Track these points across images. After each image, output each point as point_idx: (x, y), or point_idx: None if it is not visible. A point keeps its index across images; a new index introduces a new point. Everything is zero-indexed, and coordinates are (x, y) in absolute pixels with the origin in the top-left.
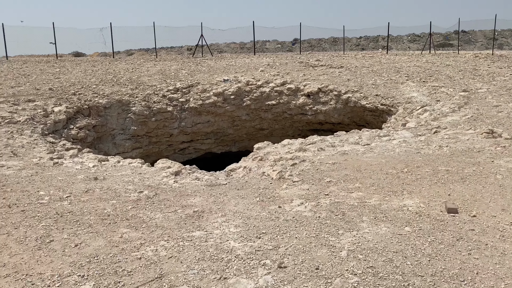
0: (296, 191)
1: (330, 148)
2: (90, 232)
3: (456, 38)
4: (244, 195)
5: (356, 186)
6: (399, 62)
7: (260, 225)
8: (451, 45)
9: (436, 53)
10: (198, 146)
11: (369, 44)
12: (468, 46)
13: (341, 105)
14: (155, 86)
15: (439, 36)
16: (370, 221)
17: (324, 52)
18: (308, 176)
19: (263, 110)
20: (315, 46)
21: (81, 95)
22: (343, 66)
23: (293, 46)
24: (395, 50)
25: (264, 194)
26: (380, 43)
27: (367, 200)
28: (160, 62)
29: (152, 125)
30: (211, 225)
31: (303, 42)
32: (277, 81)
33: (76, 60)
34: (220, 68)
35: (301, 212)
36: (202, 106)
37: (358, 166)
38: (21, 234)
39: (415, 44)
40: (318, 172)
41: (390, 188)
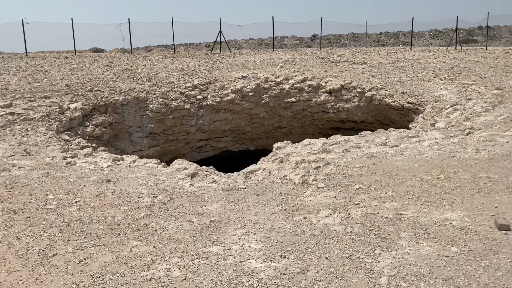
0: (322, 198)
1: (355, 149)
2: (97, 245)
3: (480, 34)
4: (265, 202)
5: (389, 194)
6: (425, 58)
7: (284, 241)
8: (475, 41)
9: (462, 49)
10: (215, 144)
11: (390, 40)
12: (493, 42)
13: (364, 103)
14: (173, 83)
15: (462, 32)
16: (410, 238)
17: (345, 48)
18: (334, 181)
19: (282, 108)
20: (334, 42)
21: (98, 91)
22: (366, 62)
23: (312, 42)
24: (416, 46)
25: (286, 202)
26: (401, 39)
27: (403, 212)
28: (178, 59)
29: (169, 122)
30: (229, 238)
31: (322, 38)
32: (297, 77)
33: (94, 56)
34: (239, 64)
35: (330, 226)
36: (220, 103)
37: (388, 170)
38: (23, 245)
39: (437, 40)
40: (345, 177)
41: (427, 197)
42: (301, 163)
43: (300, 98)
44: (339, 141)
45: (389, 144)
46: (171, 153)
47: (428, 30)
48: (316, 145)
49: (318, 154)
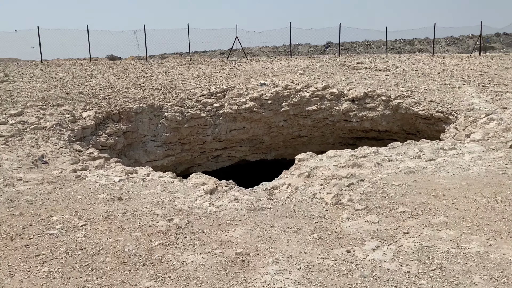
0: (363, 224)
1: (388, 163)
2: (103, 286)
3: (498, 41)
4: (296, 227)
5: (442, 220)
6: (450, 65)
7: (328, 283)
8: (492, 48)
9: (486, 55)
10: (232, 153)
11: (405, 47)
12: (511, 49)
13: (390, 112)
14: (189, 91)
15: (478, 38)
16: (486, 283)
17: (365, 55)
18: (373, 202)
19: (302, 116)
20: (349, 50)
21: (112, 99)
22: (389, 69)
23: (326, 50)
24: (438, 53)
25: (321, 228)
26: (416, 46)
27: (465, 245)
28: (194, 66)
29: (185, 131)
30: (260, 278)
31: (336, 46)
32: (318, 85)
33: (109, 63)
34: (256, 71)
35: (381, 263)
36: (237, 111)
37: (433, 190)
38: (15, 285)
39: (453, 47)
40: (385, 197)
41: (490, 225)
42: (331, 179)
43: (321, 107)
44: (368, 153)
45: (424, 157)
46: (187, 163)
47: (444, 37)
48: (342, 157)
49: (349, 169)
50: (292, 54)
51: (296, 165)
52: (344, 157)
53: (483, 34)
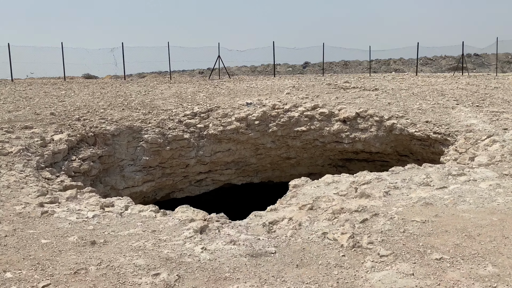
0: (395, 277)
1: (396, 191)
2: None
3: (470, 62)
4: (313, 282)
5: (491, 271)
6: (438, 84)
7: None
8: (465, 68)
9: (469, 75)
10: (216, 177)
11: (381, 67)
12: (482, 70)
13: (383, 133)
14: (170, 111)
15: (452, 59)
16: None
17: (347, 74)
18: (398, 245)
19: (291, 137)
20: (326, 70)
21: (87, 120)
22: (378, 88)
23: (304, 70)
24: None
25: (344, 282)
26: (392, 66)
27: None
28: (175, 85)
29: (167, 154)
30: None
31: (313, 66)
32: (307, 104)
33: (85, 82)
34: (241, 90)
35: None
36: (223, 132)
37: (462, 227)
38: None
39: (427, 67)
40: (409, 238)
41: None
42: (340, 213)
43: (311, 127)
44: (370, 179)
45: (434, 184)
46: (168, 188)
47: (418, 58)
48: (341, 183)
49: (357, 200)
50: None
51: (291, 193)
52: (344, 184)
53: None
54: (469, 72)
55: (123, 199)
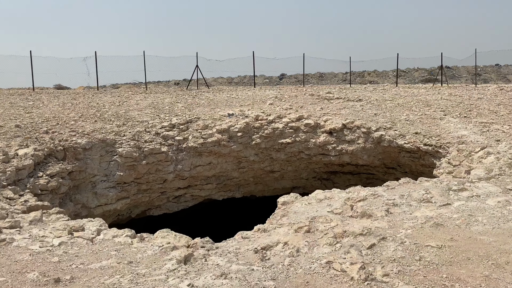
0: None
1: (396, 209)
2: None
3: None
4: None
5: None
6: (421, 95)
7: None
8: (437, 80)
9: (449, 86)
10: (196, 192)
11: (356, 79)
12: (454, 82)
13: (371, 145)
14: (147, 122)
15: (424, 71)
16: None
17: (329, 85)
18: (418, 277)
19: (275, 150)
20: (301, 81)
21: (56, 133)
22: (362, 99)
23: (280, 81)
24: (389, 84)
25: None
26: (366, 78)
27: None
28: (151, 95)
29: (143, 169)
30: None
31: (289, 77)
32: (291, 115)
33: (55, 92)
34: (222, 101)
35: None
36: (204, 145)
37: (486, 254)
38: None
39: (400, 79)
40: (429, 268)
41: None
42: (342, 237)
43: (296, 139)
44: (365, 196)
45: (436, 201)
46: (144, 205)
47: (392, 70)
48: (334, 199)
49: (358, 220)
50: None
51: (281, 211)
52: (337, 201)
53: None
54: (448, 83)
55: (95, 221)
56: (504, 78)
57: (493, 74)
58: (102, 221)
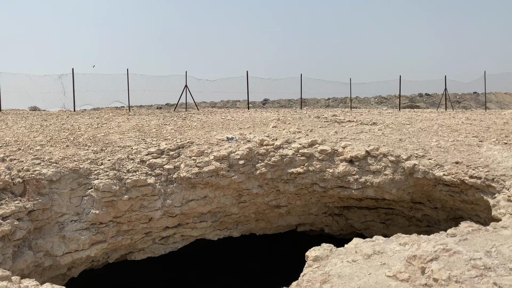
0: None
1: (494, 276)
2: None
3: (421, 101)
4: None
5: None
6: (437, 119)
7: None
8: (418, 107)
9: (454, 110)
10: (187, 232)
11: (339, 105)
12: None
13: (401, 176)
14: (130, 148)
15: (404, 98)
16: None
17: (330, 108)
18: None
19: (283, 181)
20: (285, 106)
21: (15, 161)
22: (376, 122)
23: (263, 106)
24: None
25: None
26: (348, 104)
27: None
28: (135, 117)
29: (124, 206)
30: None
31: (272, 103)
32: (301, 140)
33: (24, 113)
34: (217, 123)
35: None
36: (199, 175)
37: None
38: None
39: (383, 106)
40: None
41: None
42: None
43: (309, 168)
44: (434, 251)
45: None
46: (124, 249)
47: (373, 96)
48: (387, 255)
49: None
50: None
51: (313, 271)
52: (393, 257)
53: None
54: (453, 107)
55: None
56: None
57: (472, 102)
58: None
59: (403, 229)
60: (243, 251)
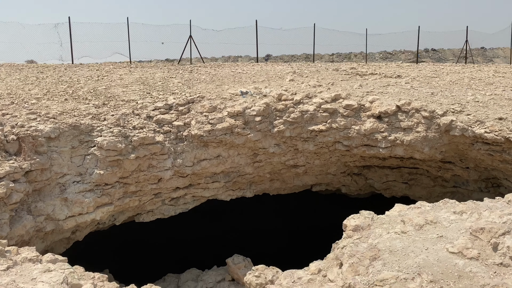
0: None
1: None
2: None
3: (427, 56)
4: None
5: None
6: (465, 72)
7: None
8: (423, 62)
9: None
10: (199, 193)
11: (343, 61)
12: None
13: (435, 133)
14: (135, 102)
15: (410, 53)
16: None
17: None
18: None
19: (303, 139)
20: (288, 61)
21: (8, 116)
22: (401, 75)
23: (266, 62)
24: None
25: None
26: (353, 59)
27: None
28: (137, 69)
29: (131, 165)
30: None
31: (275, 58)
32: (323, 94)
33: (19, 66)
34: (227, 76)
35: None
36: (211, 133)
37: None
38: None
39: (387, 61)
40: None
41: None
42: None
43: (332, 125)
44: (504, 222)
45: None
46: (131, 211)
47: (378, 52)
48: (442, 225)
49: None
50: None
51: (355, 244)
52: (450, 228)
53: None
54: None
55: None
56: (490, 61)
57: (480, 57)
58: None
59: (427, 190)
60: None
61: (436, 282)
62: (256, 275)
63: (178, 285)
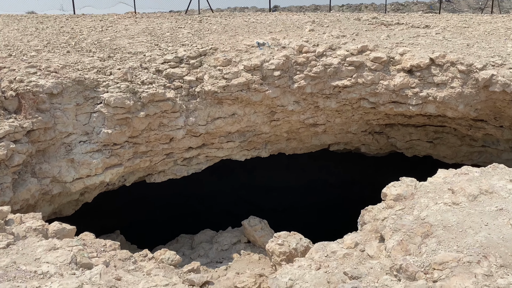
0: None
1: None
2: None
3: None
4: None
5: None
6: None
7: None
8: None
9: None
10: (212, 153)
11: (353, 13)
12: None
13: (472, 89)
14: (142, 54)
15: (423, 5)
16: None
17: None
18: None
19: (324, 96)
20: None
21: (5, 69)
22: (429, 25)
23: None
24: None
25: None
26: (363, 11)
27: None
28: (143, 19)
29: (141, 124)
30: None
31: (282, 9)
32: (348, 46)
33: (17, 16)
34: (241, 26)
35: None
36: (226, 89)
37: None
38: None
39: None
40: None
41: None
42: None
43: (357, 80)
44: None
45: None
46: (142, 171)
47: (390, 3)
48: (500, 196)
49: None
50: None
51: (398, 217)
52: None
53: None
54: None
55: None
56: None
57: (495, 8)
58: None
59: (452, 149)
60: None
61: (507, 267)
62: (279, 243)
63: (192, 246)
